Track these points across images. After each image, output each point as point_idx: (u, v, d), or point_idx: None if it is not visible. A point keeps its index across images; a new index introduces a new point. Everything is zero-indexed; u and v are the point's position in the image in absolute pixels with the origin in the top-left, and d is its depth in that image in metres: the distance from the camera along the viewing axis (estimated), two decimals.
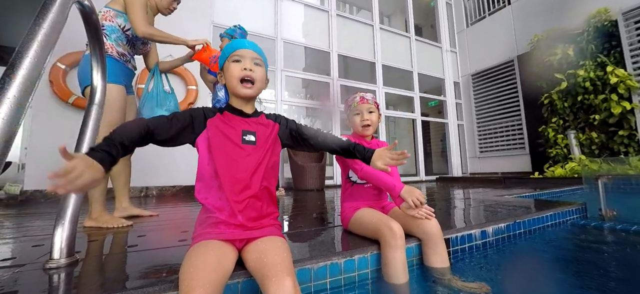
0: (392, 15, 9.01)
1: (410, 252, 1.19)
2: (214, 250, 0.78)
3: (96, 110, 1.24)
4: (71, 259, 0.99)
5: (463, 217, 1.75)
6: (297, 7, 5.66)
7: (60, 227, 1.00)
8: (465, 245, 1.38)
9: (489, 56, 6.69)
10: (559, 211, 1.86)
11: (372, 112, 1.35)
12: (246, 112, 0.97)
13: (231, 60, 0.94)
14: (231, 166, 0.88)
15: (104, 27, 1.70)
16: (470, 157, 7.12)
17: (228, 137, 0.90)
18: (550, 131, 5.16)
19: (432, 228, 1.17)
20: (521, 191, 3.29)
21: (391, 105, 9.38)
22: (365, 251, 1.10)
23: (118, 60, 1.75)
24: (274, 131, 0.99)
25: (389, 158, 1.06)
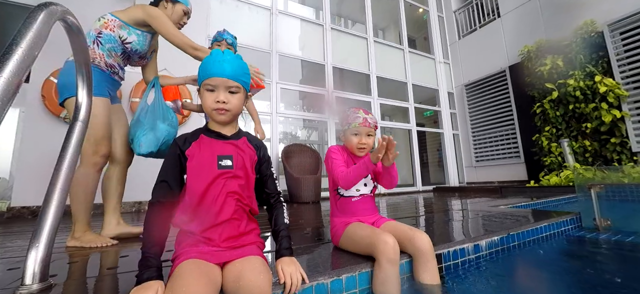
0: (386, 29, 9.17)
1: (401, 269, 1.15)
2: (201, 267, 0.77)
3: (80, 126, 1.22)
4: (44, 284, 0.94)
5: (456, 231, 1.72)
6: (292, 21, 5.74)
7: (34, 249, 0.95)
8: (458, 260, 1.35)
9: (481, 67, 6.79)
10: (553, 221, 1.84)
11: (371, 135, 1.32)
12: (224, 134, 0.95)
13: (205, 87, 0.90)
14: (207, 191, 0.86)
15: (102, 35, 1.63)
16: (466, 166, 7.13)
17: (203, 163, 0.88)
18: (544, 140, 5.19)
19: (423, 243, 1.14)
20: (517, 200, 3.27)
21: (387, 116, 9.44)
22: (353, 270, 1.07)
23: (104, 71, 1.68)
24: (252, 160, 0.97)
25: (377, 153, 1.11)
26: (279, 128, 5.61)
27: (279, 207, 1.02)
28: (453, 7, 7.78)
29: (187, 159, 0.88)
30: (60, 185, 1.06)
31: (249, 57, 5.21)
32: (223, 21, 4.92)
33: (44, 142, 3.43)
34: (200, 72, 0.92)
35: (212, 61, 0.89)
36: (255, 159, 0.98)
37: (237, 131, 0.99)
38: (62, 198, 1.06)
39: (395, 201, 4.14)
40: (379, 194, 5.82)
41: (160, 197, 0.84)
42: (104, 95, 1.65)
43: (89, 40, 1.59)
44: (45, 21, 0.83)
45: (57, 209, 1.03)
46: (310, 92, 5.81)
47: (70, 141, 1.16)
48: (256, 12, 5.30)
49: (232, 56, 0.92)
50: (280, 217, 0.99)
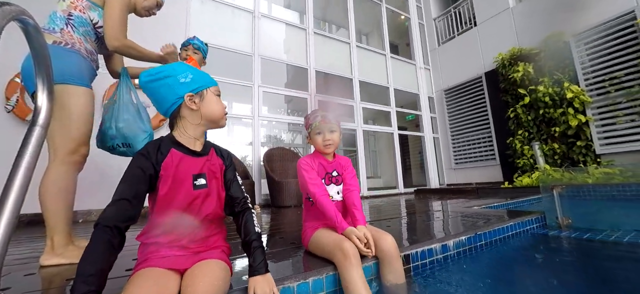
0: (369, 34, 9.34)
1: (367, 271, 1.17)
2: (154, 279, 0.74)
3: (39, 132, 1.15)
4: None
5: (427, 231, 1.77)
6: (275, 25, 5.74)
7: None
8: (426, 260, 1.39)
9: (459, 73, 7.03)
10: (519, 221, 1.92)
11: (334, 131, 1.32)
12: (196, 150, 0.91)
13: (216, 93, 0.96)
14: (180, 214, 0.84)
15: (72, 16, 1.44)
16: (446, 169, 7.32)
17: (178, 185, 0.85)
18: (517, 143, 5.42)
19: (388, 246, 1.16)
20: (492, 200, 3.40)
21: (370, 119, 9.57)
22: (320, 272, 1.08)
23: (85, 58, 1.46)
24: (221, 172, 0.97)
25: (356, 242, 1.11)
26: (261, 131, 5.58)
27: (246, 213, 0.95)
28: (433, 15, 8.04)
29: (160, 179, 0.82)
30: (13, 197, 0.99)
31: (230, 60, 5.15)
32: (203, 23, 4.86)
33: (8, 146, 3.24)
34: (203, 77, 0.94)
35: (209, 77, 0.97)
36: (223, 168, 0.98)
37: (204, 143, 0.97)
38: (15, 211, 0.99)
39: (377, 203, 4.20)
40: (362, 196, 5.89)
41: (117, 220, 0.72)
42: (87, 85, 1.44)
43: (59, 23, 1.40)
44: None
45: (9, 222, 0.94)
46: (295, 96, 5.81)
47: (27, 148, 1.08)
48: (239, 15, 5.27)
49: None
50: (250, 224, 0.92)
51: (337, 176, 1.35)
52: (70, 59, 1.38)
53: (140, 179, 0.80)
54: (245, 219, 0.94)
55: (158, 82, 0.89)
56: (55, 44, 1.36)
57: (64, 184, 1.33)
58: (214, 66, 4.90)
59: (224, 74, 4.89)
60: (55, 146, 1.33)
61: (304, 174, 1.27)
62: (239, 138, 7.14)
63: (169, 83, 0.89)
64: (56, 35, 1.38)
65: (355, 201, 1.26)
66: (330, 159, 1.37)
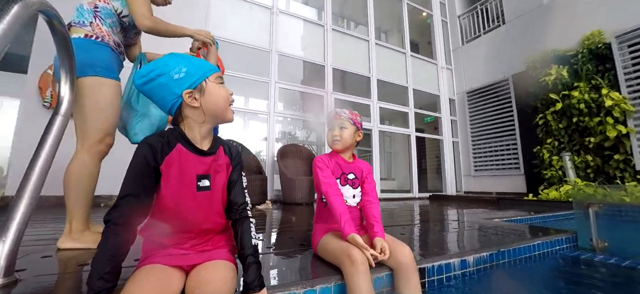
0: (389, 31, 9.11)
1: (379, 282, 1.09)
2: (156, 276, 0.72)
3: (61, 121, 1.17)
4: (9, 279, 0.90)
5: (444, 244, 1.65)
6: (293, 21, 5.69)
7: (1, 243, 0.91)
8: (443, 275, 1.27)
9: (484, 74, 6.69)
10: (547, 240, 1.76)
11: (344, 128, 1.26)
12: (203, 149, 0.85)
13: (218, 81, 0.85)
14: (183, 213, 0.80)
15: (98, 8, 1.44)
16: (464, 175, 7.03)
17: (181, 185, 0.79)
18: (545, 152, 5.09)
19: (404, 257, 1.07)
20: (514, 213, 3.19)
21: (387, 120, 9.36)
22: (328, 280, 1.00)
23: (114, 50, 1.48)
24: (227, 172, 0.89)
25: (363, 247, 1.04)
26: (276, 127, 5.56)
27: (245, 222, 0.86)
28: (457, 12, 7.69)
29: (162, 175, 0.78)
30: (34, 180, 1.03)
31: (248, 56, 5.16)
32: (223, 19, 4.88)
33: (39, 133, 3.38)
34: (199, 67, 0.83)
35: (211, 65, 0.87)
36: (230, 169, 0.91)
37: (213, 140, 0.90)
38: (35, 194, 1.03)
39: (390, 207, 4.06)
40: None
41: (125, 216, 0.71)
42: (116, 77, 1.46)
43: (88, 16, 1.42)
44: (18, 14, 0.79)
45: (28, 204, 0.99)
46: (309, 93, 5.74)
47: (49, 135, 1.12)
48: (257, 11, 5.25)
49: None
50: (247, 236, 0.84)
51: (354, 179, 1.28)
52: (101, 52, 1.41)
53: (144, 173, 0.76)
54: (243, 229, 0.85)
55: (152, 84, 0.80)
56: (87, 37, 1.39)
57: (87, 172, 1.37)
58: (232, 62, 4.91)
59: (241, 69, 4.89)
60: (82, 135, 1.38)
61: (318, 172, 1.21)
62: (255, 133, 7.17)
63: (163, 82, 0.80)
64: (87, 28, 1.40)
65: (376, 214, 1.20)
66: (348, 160, 1.30)
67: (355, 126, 1.29)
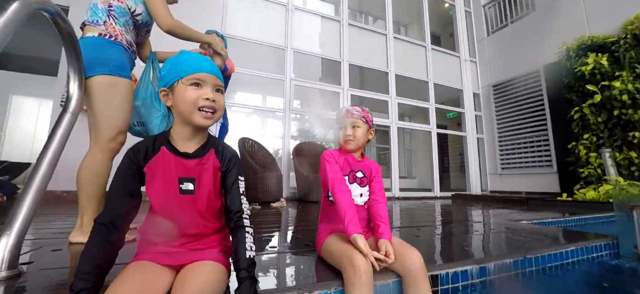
0: (409, 25, 8.81)
1: (385, 290, 1.00)
2: (142, 273, 0.71)
3: (69, 118, 1.20)
4: (12, 272, 0.92)
5: (461, 248, 1.51)
6: (309, 17, 5.63)
7: (5, 237, 0.94)
8: (458, 284, 1.16)
9: (511, 66, 6.27)
10: (583, 245, 1.57)
11: (357, 127, 1.19)
12: (188, 153, 0.81)
13: (188, 82, 0.78)
14: (168, 214, 0.79)
15: (113, 7, 1.45)
16: (490, 173, 6.65)
17: (163, 186, 0.78)
18: (581, 149, 4.68)
19: (413, 262, 0.98)
20: (545, 215, 2.93)
21: (406, 116, 9.08)
22: (328, 286, 0.94)
23: (127, 49, 1.50)
24: (217, 175, 0.84)
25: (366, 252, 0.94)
26: (292, 125, 5.54)
27: (239, 232, 0.80)
28: (482, 1, 7.27)
29: (145, 176, 0.78)
30: (41, 175, 1.06)
31: (264, 54, 5.17)
32: (239, 18, 4.91)
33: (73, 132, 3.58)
34: (177, 67, 0.80)
35: (196, 59, 0.81)
36: (219, 175, 0.85)
37: (204, 143, 0.86)
38: (41, 189, 1.05)
39: (409, 206, 3.90)
40: (393, 197, 5.58)
41: (110, 218, 0.72)
42: (128, 76, 1.47)
43: (102, 15, 1.43)
44: (18, 11, 0.80)
45: (33, 199, 1.02)
46: (326, 90, 5.66)
47: (56, 132, 1.14)
48: (272, 9, 5.24)
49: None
50: (242, 248, 0.77)
51: (363, 177, 1.22)
52: (114, 51, 1.42)
53: (128, 175, 0.77)
54: (237, 240, 0.79)
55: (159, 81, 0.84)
56: (101, 36, 1.40)
57: (98, 168, 1.39)
58: (248, 60, 4.95)
59: (257, 67, 4.92)
60: (96, 133, 1.40)
61: (327, 166, 1.15)
62: (272, 131, 7.21)
63: (159, 79, 0.84)
64: (101, 27, 1.42)
65: (382, 213, 1.13)
66: (358, 159, 1.24)
67: (367, 124, 1.22)
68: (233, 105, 6.07)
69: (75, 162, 1.39)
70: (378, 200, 1.17)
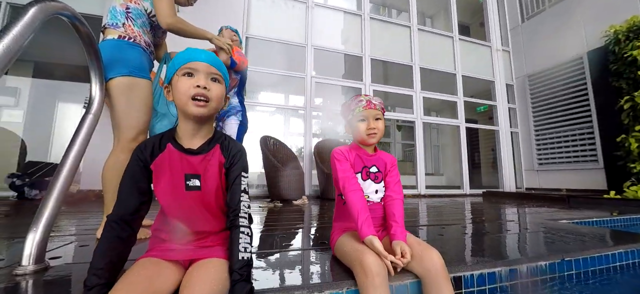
0: (435, 16, 8.43)
1: (403, 291, 0.95)
2: (149, 269, 0.72)
3: (91, 119, 1.26)
4: (39, 266, 0.98)
5: (490, 248, 1.42)
6: (329, 13, 5.57)
7: (32, 233, 1.00)
8: (485, 287, 1.08)
9: (550, 54, 5.78)
10: (633, 248, 1.40)
11: (379, 119, 1.13)
12: (192, 149, 0.82)
13: (181, 73, 0.79)
14: (176, 211, 0.81)
15: (130, 9, 1.49)
16: (526, 169, 6.20)
17: (169, 183, 0.79)
18: (632, 142, 4.21)
19: (433, 262, 0.92)
20: (589, 214, 2.68)
21: (433, 111, 8.73)
22: (340, 285, 0.91)
23: (145, 50, 1.54)
24: (221, 172, 0.84)
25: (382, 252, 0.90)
26: (315, 123, 5.54)
27: (233, 232, 0.77)
28: None
29: (152, 173, 0.79)
30: (64, 174, 1.11)
31: (285, 52, 5.21)
32: (261, 18, 4.98)
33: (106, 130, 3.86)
34: (174, 62, 0.82)
35: (191, 52, 0.82)
36: (224, 171, 0.85)
37: (210, 138, 0.86)
38: (65, 187, 1.10)
39: (436, 203, 3.75)
40: (419, 195, 5.40)
41: (122, 215, 0.74)
42: (148, 77, 1.53)
43: (121, 18, 1.48)
44: (36, 16, 0.85)
45: (58, 197, 1.07)
46: (351, 87, 5.59)
47: (79, 134, 1.20)
48: (292, 6, 5.26)
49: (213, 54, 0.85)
50: (235, 248, 0.74)
51: (377, 172, 1.15)
52: (134, 52, 1.47)
53: (136, 173, 0.79)
54: (232, 239, 0.77)
55: None
56: (121, 38, 1.45)
57: (121, 167, 1.43)
58: (270, 59, 5.02)
59: (279, 66, 4.97)
60: (119, 133, 1.45)
61: (337, 165, 1.10)
62: (294, 129, 7.27)
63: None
64: (120, 30, 1.47)
65: (396, 212, 1.06)
66: (370, 153, 1.17)
67: (383, 115, 1.17)
68: (256, 104, 6.21)
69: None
70: (392, 196, 1.10)
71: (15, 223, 2.04)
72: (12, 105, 5.36)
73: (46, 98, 5.60)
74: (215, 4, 4.57)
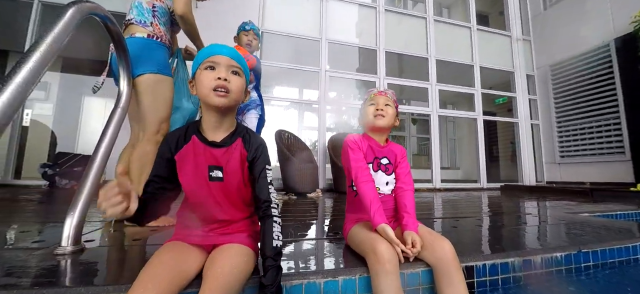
0: (452, 6, 8.19)
1: (414, 279, 0.99)
2: (175, 252, 0.78)
3: (120, 113, 1.35)
4: (77, 247, 1.08)
5: (503, 239, 1.42)
6: (343, 6, 5.54)
7: (70, 217, 1.09)
8: (497, 276, 1.09)
9: (573, 42, 5.51)
10: None
11: (389, 105, 1.16)
12: (216, 141, 0.87)
13: (203, 67, 0.84)
14: (199, 200, 0.86)
15: (156, 8, 1.54)
16: (547, 162, 5.99)
17: (193, 173, 0.84)
18: None
19: (444, 251, 0.95)
20: (614, 207, 2.58)
21: (449, 104, 8.54)
22: (353, 272, 0.94)
23: (168, 48, 1.60)
24: (244, 164, 0.89)
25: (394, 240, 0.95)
26: (328, 116, 5.57)
27: (267, 221, 0.83)
28: None
29: (176, 163, 0.84)
30: (97, 164, 1.21)
31: (299, 46, 5.24)
32: (276, 13, 5.02)
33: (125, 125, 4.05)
34: (197, 58, 0.87)
35: (212, 47, 0.86)
36: (247, 164, 0.90)
37: (232, 131, 0.91)
38: (98, 176, 1.20)
39: (451, 197, 3.71)
40: (434, 188, 5.34)
41: (154, 191, 0.82)
42: (171, 75, 1.61)
43: (148, 16, 1.52)
44: (73, 16, 0.93)
45: (92, 185, 1.17)
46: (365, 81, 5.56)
47: (110, 126, 1.30)
48: (307, 0, 5.26)
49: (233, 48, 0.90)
50: (268, 237, 0.80)
51: (388, 164, 1.17)
52: (161, 51, 1.54)
53: (161, 163, 0.84)
54: (265, 229, 0.82)
55: None
56: (149, 37, 1.51)
57: (148, 158, 1.53)
58: (285, 53, 5.06)
59: (293, 60, 5.01)
60: (145, 127, 1.53)
61: (350, 153, 1.12)
62: (308, 123, 7.31)
63: None
64: (149, 28, 1.52)
65: (407, 203, 1.08)
66: (382, 144, 1.19)
67: (396, 109, 1.19)
68: (271, 98, 6.30)
69: None
70: (403, 187, 1.13)
71: (49, 210, 2.20)
72: (43, 99, 5.68)
73: (73, 92, 5.88)
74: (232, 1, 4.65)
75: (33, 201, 2.54)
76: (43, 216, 1.84)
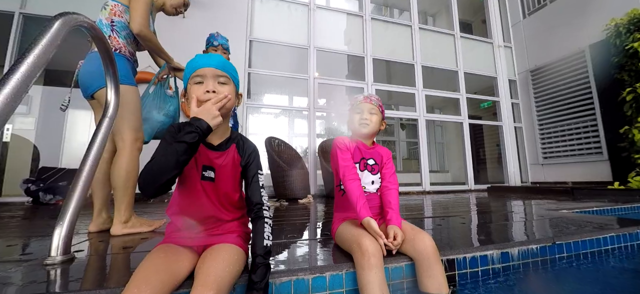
0: (437, 14, 8.46)
1: (398, 273, 1.03)
2: (167, 254, 0.80)
3: (108, 123, 1.36)
4: (67, 256, 1.08)
5: (483, 234, 1.48)
6: (331, 15, 5.67)
7: (59, 228, 1.09)
8: (477, 269, 1.15)
9: (552, 48, 5.78)
10: (626, 232, 1.45)
11: (374, 114, 1.22)
12: (212, 144, 0.90)
13: (192, 82, 0.87)
14: (190, 198, 0.88)
15: (114, 22, 1.59)
16: (531, 164, 6.19)
17: (189, 169, 0.87)
18: (636, 133, 4.20)
19: (424, 245, 1.00)
20: (589, 204, 2.71)
21: (436, 108, 8.74)
22: (340, 268, 0.98)
23: (129, 59, 1.66)
24: (237, 168, 0.93)
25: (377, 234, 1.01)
26: (318, 123, 5.62)
27: (258, 223, 0.88)
28: None
29: None
30: (85, 173, 1.20)
31: (288, 54, 5.30)
32: (264, 21, 5.10)
33: None
34: (186, 73, 0.90)
35: (198, 57, 0.89)
36: (240, 169, 0.94)
37: (227, 137, 0.94)
38: (86, 187, 1.19)
39: (440, 199, 3.79)
40: (423, 191, 5.43)
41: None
42: (135, 84, 1.66)
43: (106, 30, 1.57)
44: (60, 29, 0.94)
45: (80, 196, 1.16)
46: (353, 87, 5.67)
47: (97, 136, 1.30)
48: (295, 10, 5.37)
49: (219, 56, 0.92)
50: (260, 237, 0.84)
51: (374, 165, 1.24)
52: (121, 62, 1.57)
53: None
54: (256, 229, 0.87)
55: None
56: None
57: (131, 167, 1.57)
58: (273, 61, 5.12)
59: (282, 68, 5.07)
60: (123, 137, 1.56)
61: (338, 154, 1.18)
62: (299, 129, 7.36)
63: None
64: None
65: (392, 200, 1.15)
66: (369, 146, 1.26)
67: (381, 114, 1.25)
68: (261, 106, 6.32)
69: None
70: (388, 186, 1.19)
71: (34, 225, 2.15)
72: (25, 112, 5.53)
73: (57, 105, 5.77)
74: (220, 8, 4.70)
75: (16, 217, 2.47)
76: (28, 231, 1.80)
